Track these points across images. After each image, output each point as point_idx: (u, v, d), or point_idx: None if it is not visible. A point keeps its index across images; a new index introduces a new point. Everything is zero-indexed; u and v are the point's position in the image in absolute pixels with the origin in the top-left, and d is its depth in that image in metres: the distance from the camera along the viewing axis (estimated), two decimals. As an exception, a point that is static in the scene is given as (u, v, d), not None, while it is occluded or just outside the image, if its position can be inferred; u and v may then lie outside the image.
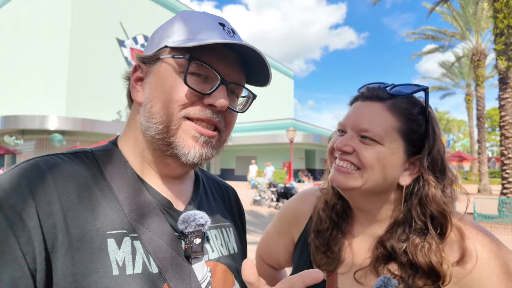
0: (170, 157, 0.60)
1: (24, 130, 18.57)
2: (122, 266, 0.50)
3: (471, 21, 18.48)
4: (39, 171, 0.51)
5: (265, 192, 12.60)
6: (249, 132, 27.02)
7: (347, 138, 0.76)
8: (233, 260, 0.70)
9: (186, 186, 0.70)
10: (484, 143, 18.49)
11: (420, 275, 0.70)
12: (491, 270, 0.68)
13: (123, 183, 0.58)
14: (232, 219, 0.80)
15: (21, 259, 0.44)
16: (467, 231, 0.73)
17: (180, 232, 0.60)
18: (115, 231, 0.52)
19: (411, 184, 0.76)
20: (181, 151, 0.58)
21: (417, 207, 0.74)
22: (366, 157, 0.73)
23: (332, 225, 0.85)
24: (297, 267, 0.93)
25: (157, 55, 0.60)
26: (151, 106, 0.59)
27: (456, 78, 29.31)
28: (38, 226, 0.46)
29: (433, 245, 0.71)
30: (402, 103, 0.76)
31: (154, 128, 0.58)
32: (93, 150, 0.62)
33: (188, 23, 0.61)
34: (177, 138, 0.58)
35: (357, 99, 0.82)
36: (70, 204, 0.50)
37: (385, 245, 0.76)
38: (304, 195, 1.02)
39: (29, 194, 0.47)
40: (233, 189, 0.90)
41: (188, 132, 0.58)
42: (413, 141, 0.75)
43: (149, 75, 0.61)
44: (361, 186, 0.75)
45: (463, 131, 56.12)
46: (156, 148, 0.60)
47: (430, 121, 0.76)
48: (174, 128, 0.57)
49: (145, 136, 0.61)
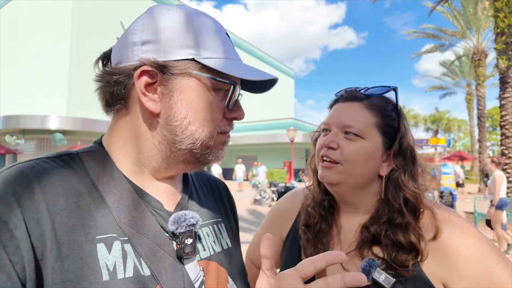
0: (197, 163, 0.63)
1: (25, 130, 18.60)
2: (113, 271, 0.50)
3: (471, 20, 18.46)
4: (24, 177, 0.49)
5: (266, 191, 12.61)
6: (250, 132, 27.02)
7: (333, 135, 0.84)
8: (226, 256, 0.70)
9: (176, 184, 0.68)
10: (484, 142, 18.48)
11: (402, 252, 0.78)
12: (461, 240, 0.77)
13: (111, 185, 0.57)
14: (224, 214, 0.79)
15: (10, 269, 0.43)
16: (438, 212, 0.82)
17: (171, 233, 0.59)
18: (104, 235, 0.51)
19: (388, 174, 0.85)
20: (214, 157, 0.63)
21: (393, 192, 0.84)
22: (349, 152, 0.82)
23: (321, 220, 0.92)
24: (286, 262, 0.96)
25: (185, 68, 0.57)
26: (189, 123, 0.57)
27: (456, 77, 29.28)
28: (26, 235, 0.45)
29: (410, 224, 0.80)
30: (378, 101, 0.86)
31: (191, 143, 0.58)
32: (78, 152, 0.60)
33: (204, 32, 0.58)
34: (214, 149, 0.62)
35: (337, 101, 0.92)
36: (58, 211, 0.49)
37: (369, 229, 0.83)
38: (292, 194, 1.09)
39: (14, 202, 0.46)
40: (223, 183, 0.89)
41: (222, 141, 0.63)
42: (389, 134, 0.85)
43: (174, 88, 0.57)
44: (347, 180, 0.83)
45: (463, 130, 56.02)
46: (179, 157, 0.61)
47: (401, 116, 0.87)
48: (211, 144, 0.61)
49: (167, 146, 0.59)
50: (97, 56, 0.66)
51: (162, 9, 0.59)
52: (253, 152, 28.33)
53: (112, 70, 0.59)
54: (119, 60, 0.59)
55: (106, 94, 0.60)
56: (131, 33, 0.58)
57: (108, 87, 0.59)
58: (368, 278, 0.75)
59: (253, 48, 38.71)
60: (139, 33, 0.57)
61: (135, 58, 0.57)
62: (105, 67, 0.64)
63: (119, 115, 0.62)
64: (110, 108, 0.62)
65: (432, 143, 14.95)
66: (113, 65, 0.61)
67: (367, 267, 0.76)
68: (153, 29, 0.57)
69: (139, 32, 0.57)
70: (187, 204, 0.67)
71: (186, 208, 0.65)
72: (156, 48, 0.56)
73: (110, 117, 0.65)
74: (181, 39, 0.57)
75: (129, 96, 0.60)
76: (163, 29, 0.57)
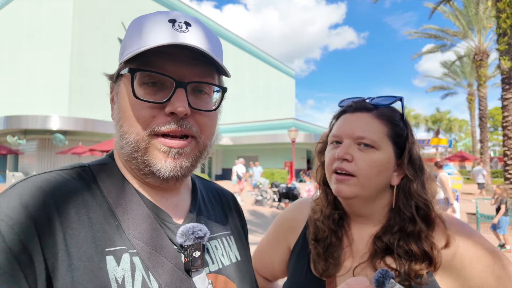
0: (148, 174, 0.59)
1: (27, 130, 18.63)
2: (122, 284, 0.50)
3: (473, 20, 18.43)
4: (38, 190, 0.50)
5: (267, 192, 12.60)
6: (251, 132, 27.01)
7: (346, 146, 0.82)
8: (235, 270, 0.69)
9: (184, 196, 0.68)
10: (486, 143, 18.45)
11: (415, 261, 0.77)
12: (472, 252, 0.77)
13: (121, 198, 0.57)
14: (234, 226, 0.79)
15: (22, 281, 0.43)
16: (448, 220, 0.82)
17: (179, 245, 0.59)
18: (113, 248, 0.52)
19: (399, 183, 0.85)
20: (155, 167, 0.57)
21: (404, 201, 0.83)
22: (364, 163, 0.80)
23: (330, 233, 0.90)
24: (295, 273, 0.94)
25: (117, 72, 0.60)
26: (121, 126, 0.58)
27: (458, 78, 29.21)
28: (38, 247, 0.45)
29: (422, 232, 0.79)
30: (386, 111, 0.86)
31: (127, 147, 0.58)
32: (90, 165, 0.61)
33: (137, 31, 0.57)
34: (149, 156, 0.57)
35: (344, 112, 0.89)
36: (69, 223, 0.49)
37: (382, 239, 0.82)
38: (298, 204, 1.07)
39: (28, 214, 0.46)
40: (231, 194, 0.88)
41: (158, 148, 0.57)
42: (399, 144, 0.85)
43: (115, 93, 0.62)
44: (362, 193, 0.82)
45: (464, 130, 55.89)
46: (133, 167, 0.60)
47: (408, 125, 0.87)
48: (144, 147, 0.57)
49: (122, 154, 0.61)
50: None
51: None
52: (253, 152, 28.31)
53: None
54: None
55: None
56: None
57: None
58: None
59: (254, 48, 38.65)
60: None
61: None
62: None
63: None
64: None
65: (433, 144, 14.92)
66: None
67: (381, 278, 0.73)
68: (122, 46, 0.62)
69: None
70: (196, 217, 0.67)
71: (194, 221, 0.65)
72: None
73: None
74: (121, 49, 0.61)
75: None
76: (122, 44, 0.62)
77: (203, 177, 0.84)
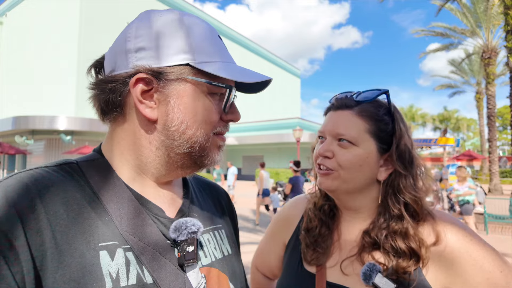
0: (195, 166, 0.63)
1: (34, 131, 18.90)
2: (116, 279, 0.49)
3: (481, 18, 18.19)
4: (24, 187, 0.49)
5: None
6: (256, 132, 27.04)
7: (327, 144, 0.86)
8: (227, 263, 0.70)
9: (176, 190, 0.68)
10: (494, 142, 18.16)
11: (403, 257, 0.77)
12: (462, 246, 0.77)
13: (112, 193, 0.57)
14: (224, 220, 0.79)
15: (10, 279, 0.43)
16: (439, 216, 0.82)
17: (172, 240, 0.59)
18: (107, 243, 0.51)
19: (387, 178, 0.85)
20: (211, 160, 0.64)
21: (392, 196, 0.83)
22: (344, 159, 0.83)
23: (321, 224, 0.93)
24: (288, 267, 0.96)
25: (180, 74, 0.57)
26: (186, 127, 0.58)
27: (465, 76, 28.88)
28: (25, 245, 0.45)
29: (410, 230, 0.79)
30: (368, 107, 0.86)
31: (189, 147, 0.59)
32: (78, 161, 0.60)
33: (198, 36, 0.58)
34: (208, 151, 0.62)
35: (329, 109, 0.92)
36: (58, 220, 0.49)
37: (370, 234, 0.83)
38: (295, 200, 1.10)
39: (14, 212, 0.45)
40: (223, 189, 0.89)
41: (217, 144, 0.64)
42: (383, 139, 0.84)
43: (171, 93, 0.57)
44: (343, 186, 0.84)
45: (472, 129, 55.23)
46: (177, 161, 0.61)
47: (395, 119, 0.86)
48: (208, 145, 0.62)
49: (165, 151, 0.60)
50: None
51: (155, 15, 0.59)
52: (259, 152, 28.35)
53: (107, 78, 0.59)
54: (113, 68, 0.59)
55: (101, 102, 0.60)
56: (124, 40, 0.58)
57: (103, 95, 0.59)
58: (369, 283, 0.75)
59: (260, 48, 38.68)
60: (133, 40, 0.57)
61: (130, 66, 0.56)
62: (98, 75, 0.64)
63: (116, 123, 0.62)
64: (107, 116, 0.62)
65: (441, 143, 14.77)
66: (107, 72, 0.60)
67: (368, 271, 0.76)
68: (146, 35, 0.57)
69: (133, 39, 0.57)
70: (188, 210, 0.67)
71: (187, 215, 0.65)
72: (150, 54, 0.56)
73: (107, 125, 0.64)
74: (175, 44, 0.56)
75: (125, 104, 0.59)
76: (156, 35, 0.56)
77: (208, 177, 0.85)
